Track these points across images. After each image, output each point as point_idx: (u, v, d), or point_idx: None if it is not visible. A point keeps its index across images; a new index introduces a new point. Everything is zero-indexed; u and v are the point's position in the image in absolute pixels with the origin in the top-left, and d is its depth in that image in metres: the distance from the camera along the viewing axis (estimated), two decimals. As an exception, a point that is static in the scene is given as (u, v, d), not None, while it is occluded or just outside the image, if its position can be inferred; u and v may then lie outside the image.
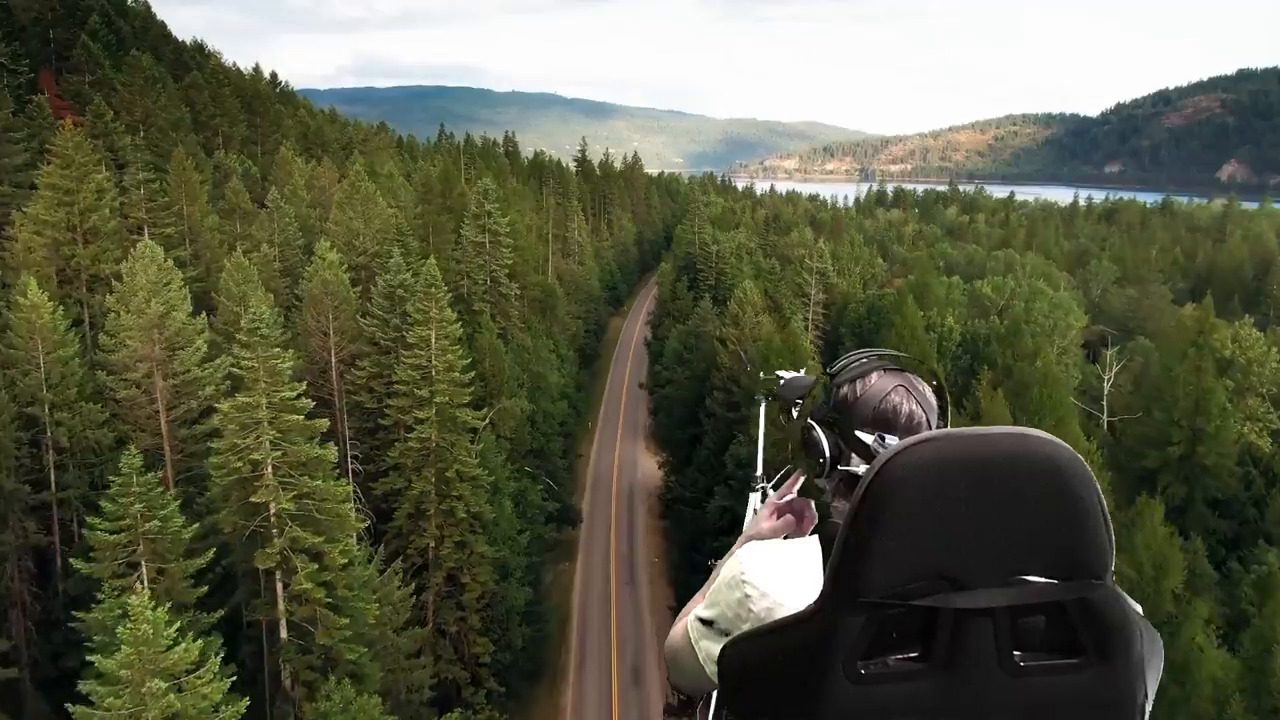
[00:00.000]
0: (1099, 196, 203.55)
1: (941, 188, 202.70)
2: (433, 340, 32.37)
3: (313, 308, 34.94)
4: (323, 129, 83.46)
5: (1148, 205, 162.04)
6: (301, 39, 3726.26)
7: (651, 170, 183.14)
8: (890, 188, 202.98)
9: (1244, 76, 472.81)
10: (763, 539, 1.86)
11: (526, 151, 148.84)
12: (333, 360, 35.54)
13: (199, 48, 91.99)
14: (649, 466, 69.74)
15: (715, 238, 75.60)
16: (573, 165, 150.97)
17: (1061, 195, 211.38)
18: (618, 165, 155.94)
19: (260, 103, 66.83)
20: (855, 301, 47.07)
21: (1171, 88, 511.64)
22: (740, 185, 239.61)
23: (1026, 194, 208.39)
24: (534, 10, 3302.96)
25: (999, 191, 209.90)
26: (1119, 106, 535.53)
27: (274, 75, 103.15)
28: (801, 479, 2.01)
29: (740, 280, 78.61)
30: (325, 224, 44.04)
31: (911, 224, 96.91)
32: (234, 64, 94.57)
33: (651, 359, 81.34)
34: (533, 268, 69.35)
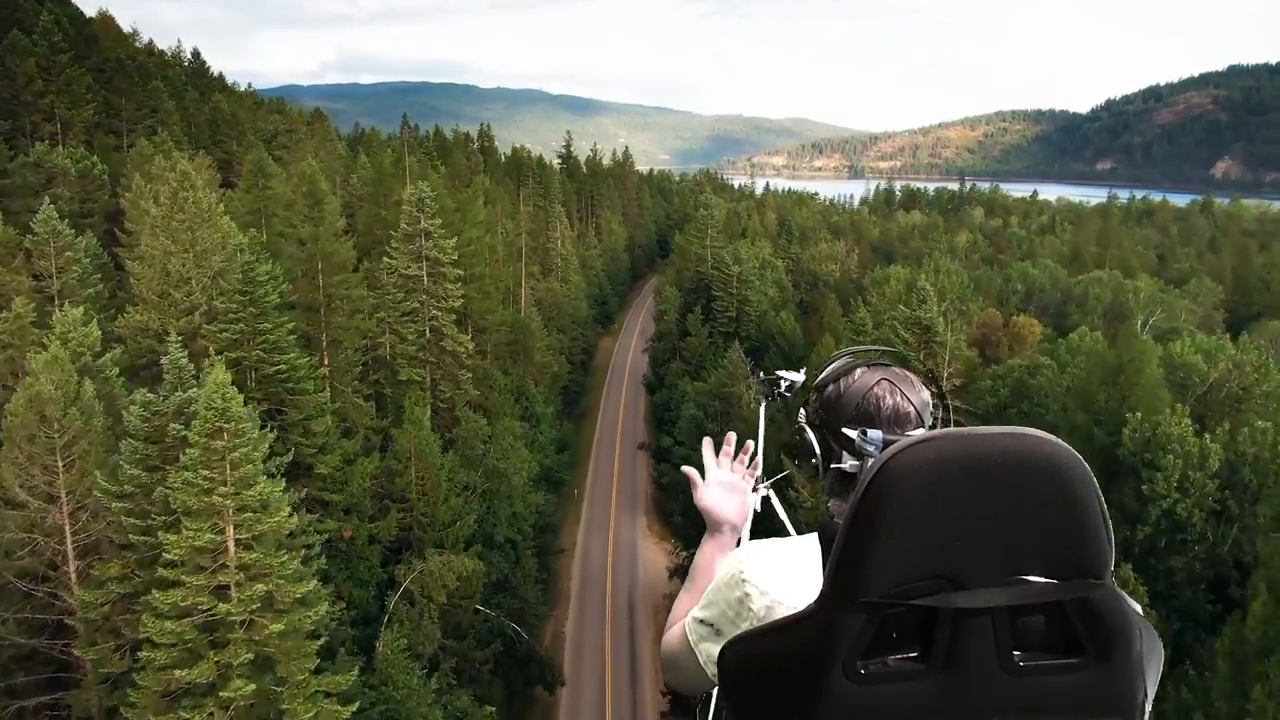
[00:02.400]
0: (1097, 194, 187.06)
1: (952, 185, 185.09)
2: (230, 548, 14.43)
3: (17, 448, 16.84)
4: (237, 116, 65.01)
5: (1183, 205, 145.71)
6: (285, 35, 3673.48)
7: (640, 167, 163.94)
8: (898, 185, 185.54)
9: (1235, 73, 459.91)
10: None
11: (515, 147, 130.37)
12: (69, 551, 17.55)
13: (100, 18, 73.18)
14: (654, 558, 52.05)
15: (736, 255, 57.70)
16: (557, 163, 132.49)
17: (1056, 192, 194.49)
18: (606, 162, 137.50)
19: (124, 77, 48.20)
20: (993, 377, 29.47)
21: (1162, 84, 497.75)
22: (735, 183, 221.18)
23: (1029, 191, 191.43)
24: (520, 6, 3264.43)
25: (1013, 190, 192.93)
26: (1109, 103, 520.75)
27: (196, 53, 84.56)
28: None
29: (763, 304, 61.18)
30: (133, 258, 25.83)
31: (965, 234, 78.50)
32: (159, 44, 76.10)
33: (653, 414, 63.18)
34: (499, 299, 51.38)
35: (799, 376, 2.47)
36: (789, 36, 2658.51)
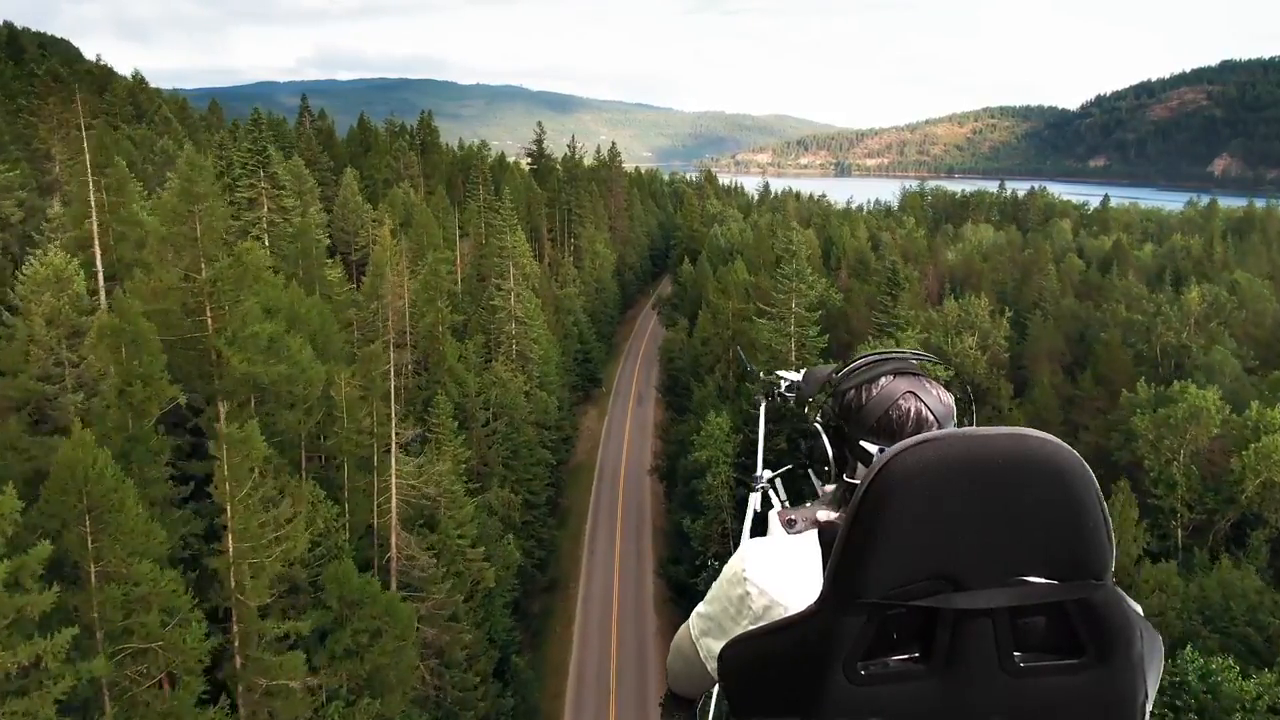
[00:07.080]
0: (1096, 192, 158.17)
1: (990, 186, 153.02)
2: None
3: None
4: None
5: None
6: (261, 31, 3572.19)
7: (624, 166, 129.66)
8: (929, 186, 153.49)
9: (1228, 68, 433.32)
10: None
11: (469, 144, 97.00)
12: None
13: None
14: None
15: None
16: (526, 163, 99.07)
17: (1055, 190, 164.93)
18: (588, 161, 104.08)
19: None
20: None
21: (1154, 79, 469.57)
22: (740, 184, 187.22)
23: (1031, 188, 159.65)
24: (501, 1, 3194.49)
25: (1054, 189, 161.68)
26: (1100, 99, 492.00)
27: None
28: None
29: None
30: None
31: (1195, 291, 45.10)
32: None
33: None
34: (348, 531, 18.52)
35: (798, 376, 2.36)
36: (770, 32, 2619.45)
